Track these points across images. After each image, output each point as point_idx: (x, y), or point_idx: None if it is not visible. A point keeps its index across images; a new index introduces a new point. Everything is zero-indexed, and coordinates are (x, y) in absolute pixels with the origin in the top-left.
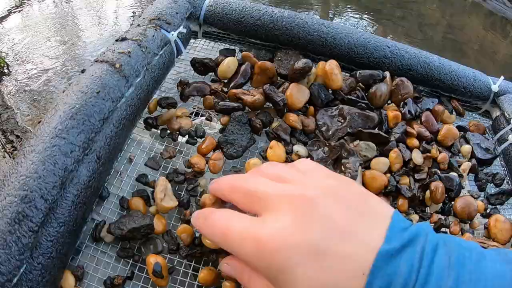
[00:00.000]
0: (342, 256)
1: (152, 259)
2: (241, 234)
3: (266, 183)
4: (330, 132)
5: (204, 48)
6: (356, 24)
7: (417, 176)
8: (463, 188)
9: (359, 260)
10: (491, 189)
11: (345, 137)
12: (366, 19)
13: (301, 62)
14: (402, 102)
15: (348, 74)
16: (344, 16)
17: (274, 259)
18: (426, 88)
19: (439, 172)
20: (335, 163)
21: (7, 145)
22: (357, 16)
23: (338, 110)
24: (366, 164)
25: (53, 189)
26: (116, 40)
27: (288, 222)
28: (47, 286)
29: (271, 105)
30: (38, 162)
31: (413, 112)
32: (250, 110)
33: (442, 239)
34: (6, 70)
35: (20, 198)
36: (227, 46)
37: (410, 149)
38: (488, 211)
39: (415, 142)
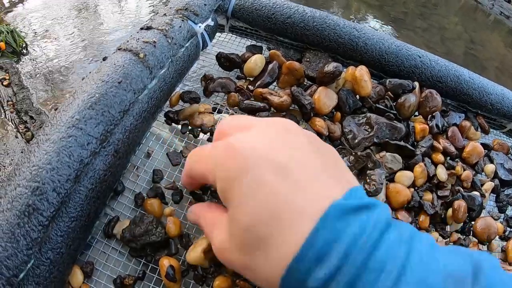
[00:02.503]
0: (301, 188)
1: (166, 262)
2: (216, 144)
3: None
4: (356, 141)
5: (229, 43)
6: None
7: (440, 192)
8: (483, 209)
9: (313, 202)
10: (511, 211)
11: (371, 147)
12: (388, 27)
13: (331, 66)
14: (430, 115)
15: (376, 82)
16: (366, 23)
17: (242, 159)
18: (453, 102)
19: (462, 190)
20: (360, 173)
21: (20, 125)
22: (378, 24)
23: (365, 118)
24: (391, 177)
25: (66, 182)
26: (141, 29)
27: (261, 138)
28: (54, 282)
29: (296, 107)
30: (53, 153)
31: (440, 126)
32: (275, 111)
33: (396, 221)
34: (24, 50)
35: (31, 190)
36: (253, 42)
37: (435, 164)
38: (506, 233)
39: (440, 157)
